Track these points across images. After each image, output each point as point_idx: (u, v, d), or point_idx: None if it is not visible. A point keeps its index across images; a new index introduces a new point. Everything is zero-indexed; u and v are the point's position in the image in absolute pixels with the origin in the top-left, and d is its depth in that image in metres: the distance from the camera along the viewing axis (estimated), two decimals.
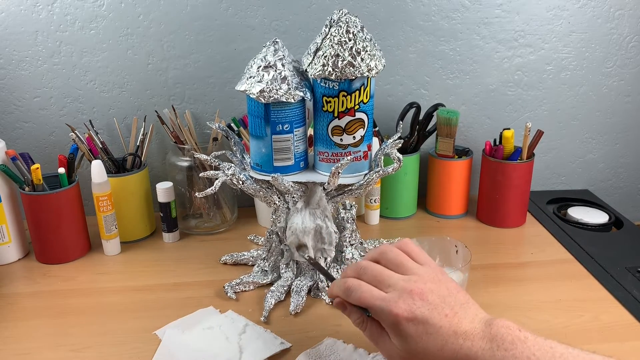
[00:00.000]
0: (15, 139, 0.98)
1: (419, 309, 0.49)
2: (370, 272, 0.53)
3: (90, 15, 0.92)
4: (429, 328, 0.48)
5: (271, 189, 0.74)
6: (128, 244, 0.91)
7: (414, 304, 0.49)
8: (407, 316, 0.49)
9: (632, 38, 1.02)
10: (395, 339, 0.50)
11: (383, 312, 0.50)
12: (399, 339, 0.50)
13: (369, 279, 0.53)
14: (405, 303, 0.49)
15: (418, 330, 0.49)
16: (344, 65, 0.66)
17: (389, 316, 0.50)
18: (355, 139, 0.71)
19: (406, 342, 0.49)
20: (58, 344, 0.66)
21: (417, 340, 0.49)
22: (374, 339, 0.53)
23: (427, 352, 0.48)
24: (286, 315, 0.71)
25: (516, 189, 0.94)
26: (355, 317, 0.54)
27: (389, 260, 0.54)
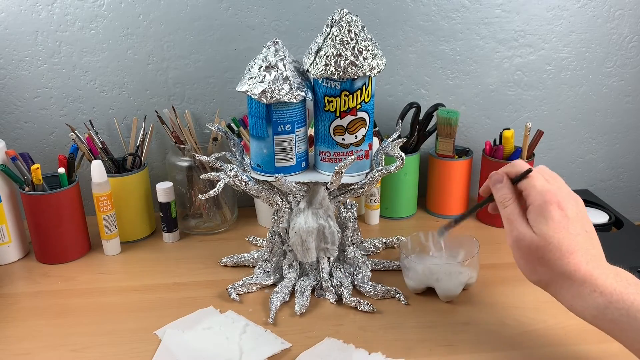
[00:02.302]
0: (15, 139, 0.98)
1: (570, 206, 0.52)
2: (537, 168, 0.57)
3: (90, 15, 0.92)
4: (570, 226, 0.51)
5: (273, 189, 0.74)
6: (128, 244, 0.91)
7: (568, 201, 0.52)
8: (560, 202, 0.52)
9: (632, 38, 1.02)
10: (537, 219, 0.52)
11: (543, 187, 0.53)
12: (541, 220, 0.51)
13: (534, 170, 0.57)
14: (562, 195, 0.53)
15: (562, 221, 0.51)
16: (347, 64, 0.66)
17: (547, 193, 0.52)
18: (357, 138, 0.71)
19: (547, 225, 0.51)
20: (58, 344, 0.66)
21: (558, 229, 0.50)
22: (512, 218, 0.54)
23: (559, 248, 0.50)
24: (290, 315, 0.71)
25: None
26: (506, 191, 0.56)
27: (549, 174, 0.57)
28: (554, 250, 0.50)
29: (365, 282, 0.77)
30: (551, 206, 0.51)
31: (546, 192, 0.53)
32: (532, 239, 0.52)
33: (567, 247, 0.50)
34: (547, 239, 0.51)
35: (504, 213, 0.56)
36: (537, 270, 0.53)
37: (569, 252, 0.50)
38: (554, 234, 0.50)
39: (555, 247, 0.50)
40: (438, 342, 0.66)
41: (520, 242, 0.53)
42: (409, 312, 0.72)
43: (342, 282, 0.75)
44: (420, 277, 0.74)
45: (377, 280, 0.78)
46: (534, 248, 0.51)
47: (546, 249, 0.50)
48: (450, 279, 0.72)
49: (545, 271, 0.52)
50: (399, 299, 0.74)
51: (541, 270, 0.52)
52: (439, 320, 0.70)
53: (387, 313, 0.72)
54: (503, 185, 0.57)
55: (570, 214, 0.52)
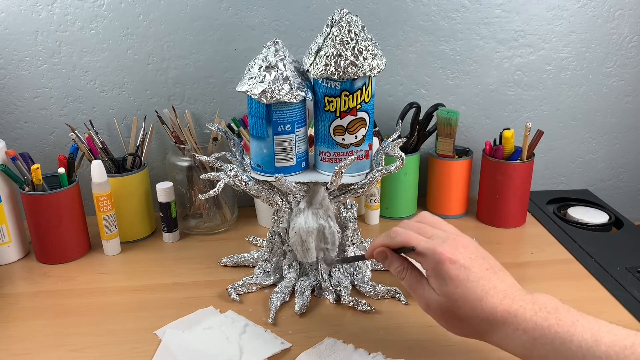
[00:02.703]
0: (15, 139, 0.98)
1: (461, 254, 0.51)
2: (414, 225, 0.56)
3: (90, 15, 0.92)
4: (470, 275, 0.49)
5: (273, 189, 0.74)
6: (128, 244, 0.91)
7: (456, 250, 0.51)
8: (451, 257, 0.50)
9: (632, 38, 1.02)
10: (435, 282, 0.51)
11: (427, 251, 0.51)
12: (439, 282, 0.50)
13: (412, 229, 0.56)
14: (449, 247, 0.51)
15: (460, 274, 0.49)
16: (347, 64, 0.66)
17: (434, 255, 0.51)
18: (357, 138, 0.71)
19: (447, 285, 0.50)
20: (58, 344, 0.66)
21: (458, 284, 0.49)
22: (413, 287, 0.54)
23: (467, 300, 0.49)
24: (291, 315, 0.71)
25: (516, 189, 0.94)
26: (397, 265, 0.56)
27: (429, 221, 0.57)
28: (462, 304, 0.49)
29: (365, 282, 0.77)
30: (443, 265, 0.50)
31: (433, 253, 0.51)
32: (439, 302, 0.51)
33: (474, 296, 0.48)
34: (451, 297, 0.50)
35: (405, 284, 0.56)
36: (459, 326, 0.51)
37: (478, 299, 0.48)
38: (456, 290, 0.49)
39: (462, 301, 0.49)
40: (438, 342, 0.66)
41: (430, 307, 0.52)
42: (409, 312, 0.72)
43: (341, 282, 0.75)
44: None
45: (377, 281, 0.78)
46: (445, 309, 0.51)
47: (455, 306, 0.49)
48: None
49: (466, 325, 0.50)
50: (399, 299, 0.74)
51: (462, 325, 0.51)
52: None
53: (387, 313, 0.72)
54: (391, 260, 0.57)
55: (465, 263, 0.50)
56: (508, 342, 0.48)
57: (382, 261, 0.58)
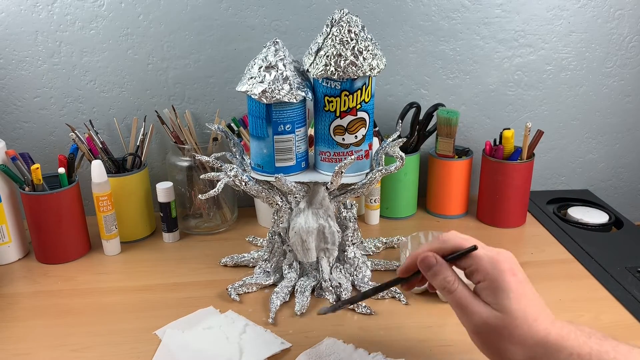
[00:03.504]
0: (15, 139, 0.98)
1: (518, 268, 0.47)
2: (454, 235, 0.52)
3: (90, 15, 0.92)
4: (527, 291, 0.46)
5: (273, 189, 0.74)
6: (128, 244, 0.91)
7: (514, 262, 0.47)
8: (512, 268, 0.46)
9: (632, 38, 1.02)
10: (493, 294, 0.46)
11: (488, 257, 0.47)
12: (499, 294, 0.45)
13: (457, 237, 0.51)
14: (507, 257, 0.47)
15: (519, 289, 0.45)
16: (347, 64, 0.66)
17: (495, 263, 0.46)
18: (357, 138, 0.71)
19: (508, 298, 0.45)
20: (58, 344, 0.66)
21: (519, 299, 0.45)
22: (465, 302, 0.48)
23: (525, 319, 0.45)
24: (291, 315, 0.71)
25: (516, 189, 0.94)
26: (447, 274, 0.49)
27: (463, 236, 0.52)
28: (521, 323, 0.45)
29: (365, 282, 0.77)
30: (506, 276, 0.46)
31: (496, 261, 0.47)
32: (496, 319, 0.45)
33: (532, 315, 0.45)
34: (512, 314, 0.45)
35: (453, 299, 0.49)
36: (510, 350, 0.45)
37: (534, 319, 0.45)
38: (518, 306, 0.45)
39: (522, 319, 0.45)
40: (438, 342, 0.66)
41: (484, 327, 0.46)
42: (409, 312, 0.72)
43: (342, 284, 0.75)
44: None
45: (377, 280, 0.78)
46: (501, 328, 0.45)
47: (513, 324, 0.45)
48: None
49: (518, 349, 0.45)
50: (398, 299, 0.74)
51: (513, 349, 0.45)
52: (439, 320, 0.70)
53: (387, 313, 0.72)
54: (440, 268, 0.49)
55: (523, 277, 0.47)
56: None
57: (427, 269, 0.50)
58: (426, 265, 0.50)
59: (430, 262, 0.50)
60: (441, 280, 0.49)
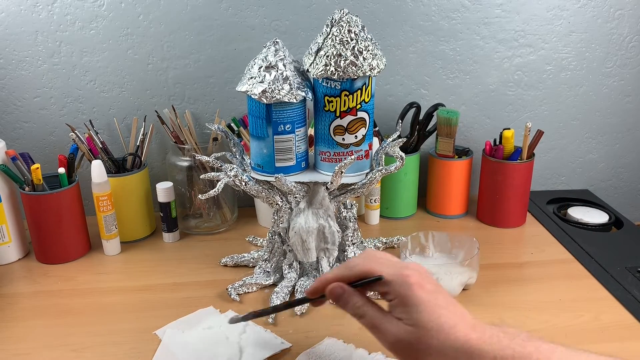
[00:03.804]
0: (15, 139, 0.98)
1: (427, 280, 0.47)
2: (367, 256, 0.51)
3: (90, 15, 0.92)
4: (439, 300, 0.46)
5: (273, 189, 0.74)
6: (128, 244, 0.91)
7: (422, 275, 0.47)
8: (419, 282, 0.46)
9: (632, 38, 1.02)
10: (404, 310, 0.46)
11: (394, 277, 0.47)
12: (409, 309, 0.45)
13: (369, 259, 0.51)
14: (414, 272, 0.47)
15: (430, 299, 0.45)
16: (347, 64, 0.66)
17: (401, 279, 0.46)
18: (357, 138, 0.71)
19: (418, 311, 0.45)
20: (58, 344, 0.66)
21: (430, 310, 0.45)
22: (377, 322, 0.48)
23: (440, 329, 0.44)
24: (291, 315, 0.71)
25: (516, 189, 0.94)
26: (356, 300, 0.50)
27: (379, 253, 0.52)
28: (436, 333, 0.44)
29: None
30: (413, 290, 0.46)
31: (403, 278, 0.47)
32: (409, 335, 0.45)
33: (447, 323, 0.44)
34: (425, 326, 0.45)
35: (365, 323, 0.49)
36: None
37: (451, 326, 0.44)
38: (429, 317, 0.45)
39: (436, 330, 0.44)
40: None
41: (399, 344, 0.46)
42: None
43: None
44: None
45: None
46: (416, 342, 0.45)
47: (428, 335, 0.44)
48: (451, 279, 0.72)
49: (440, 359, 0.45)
50: None
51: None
52: None
53: None
54: (347, 297, 0.50)
55: (432, 288, 0.46)
56: None
57: (336, 299, 0.51)
58: (334, 296, 0.51)
59: (338, 293, 0.50)
60: (350, 307, 0.50)
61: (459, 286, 0.73)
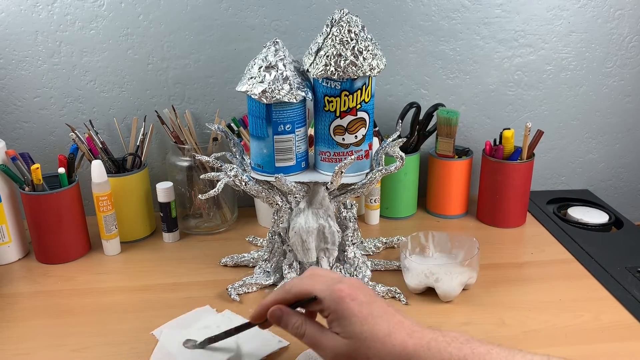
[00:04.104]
0: (15, 139, 0.98)
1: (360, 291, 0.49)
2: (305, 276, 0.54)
3: (90, 15, 0.92)
4: (373, 310, 0.47)
5: (273, 189, 0.74)
6: (128, 244, 0.91)
7: (354, 288, 0.49)
8: (350, 294, 0.48)
9: (632, 38, 1.02)
10: (339, 324, 0.48)
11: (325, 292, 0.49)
12: (343, 322, 0.47)
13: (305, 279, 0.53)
14: (346, 285, 0.49)
15: (363, 310, 0.47)
16: (347, 64, 0.66)
17: (332, 294, 0.48)
18: (357, 138, 0.71)
19: (351, 324, 0.47)
20: (58, 344, 0.66)
21: (363, 321, 0.46)
22: (317, 338, 0.50)
23: (375, 338, 0.46)
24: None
25: (516, 189, 0.94)
26: (294, 320, 0.52)
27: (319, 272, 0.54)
28: (372, 343, 0.46)
29: (365, 282, 0.77)
30: (344, 303, 0.47)
31: (331, 293, 0.48)
32: (347, 347, 0.47)
33: (381, 332, 0.46)
34: (359, 337, 0.46)
35: (306, 340, 0.51)
36: None
37: (386, 334, 0.45)
38: (362, 328, 0.46)
39: (371, 339, 0.46)
40: None
41: (338, 357, 0.47)
42: (409, 312, 0.71)
43: None
44: (420, 277, 0.74)
45: (377, 280, 0.78)
46: (354, 353, 0.46)
47: (364, 346, 0.46)
48: (450, 279, 0.72)
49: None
50: (399, 299, 0.74)
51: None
52: (439, 320, 0.70)
53: None
54: (287, 318, 0.52)
55: (365, 299, 0.48)
56: None
57: (276, 321, 0.53)
58: (275, 318, 0.53)
59: (277, 315, 0.52)
60: (291, 328, 0.52)
61: (459, 286, 0.73)
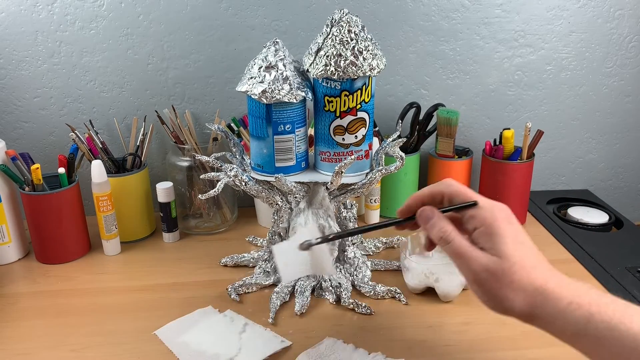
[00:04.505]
0: (15, 139, 0.98)
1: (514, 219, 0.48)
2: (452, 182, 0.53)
3: (90, 15, 0.92)
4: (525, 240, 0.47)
5: (273, 189, 0.74)
6: (128, 244, 0.91)
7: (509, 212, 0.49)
8: (508, 218, 0.48)
9: (632, 38, 1.02)
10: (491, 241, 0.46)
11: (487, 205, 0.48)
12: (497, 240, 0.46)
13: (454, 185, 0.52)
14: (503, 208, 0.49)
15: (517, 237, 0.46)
16: (347, 64, 0.66)
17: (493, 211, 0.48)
18: (357, 138, 0.71)
19: (505, 244, 0.46)
20: (58, 344, 0.66)
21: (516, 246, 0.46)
22: (463, 250, 0.48)
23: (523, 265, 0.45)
24: (290, 316, 0.71)
25: (516, 189, 0.94)
26: (443, 226, 0.49)
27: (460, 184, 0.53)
28: (519, 269, 0.45)
29: (365, 282, 0.77)
30: (503, 224, 0.47)
31: (493, 209, 0.48)
32: (495, 264, 0.46)
33: (530, 262, 0.45)
34: (510, 259, 0.45)
35: (451, 249, 0.49)
36: (509, 297, 0.45)
37: (532, 266, 0.45)
38: (515, 252, 0.45)
39: (519, 265, 0.45)
40: (438, 342, 0.66)
41: (483, 274, 0.46)
42: (409, 312, 0.72)
43: (342, 284, 0.75)
44: (420, 277, 0.74)
45: (377, 281, 0.78)
46: (500, 273, 0.45)
47: (512, 270, 0.45)
48: (450, 279, 0.72)
49: (518, 295, 0.45)
50: (398, 299, 0.74)
51: (512, 296, 0.45)
52: (439, 320, 0.70)
53: (387, 313, 0.72)
54: (437, 221, 0.50)
55: (519, 228, 0.48)
56: (559, 320, 0.44)
57: (424, 222, 0.51)
58: (424, 218, 0.51)
59: (428, 215, 0.51)
60: (437, 231, 0.50)
61: (459, 286, 0.73)
